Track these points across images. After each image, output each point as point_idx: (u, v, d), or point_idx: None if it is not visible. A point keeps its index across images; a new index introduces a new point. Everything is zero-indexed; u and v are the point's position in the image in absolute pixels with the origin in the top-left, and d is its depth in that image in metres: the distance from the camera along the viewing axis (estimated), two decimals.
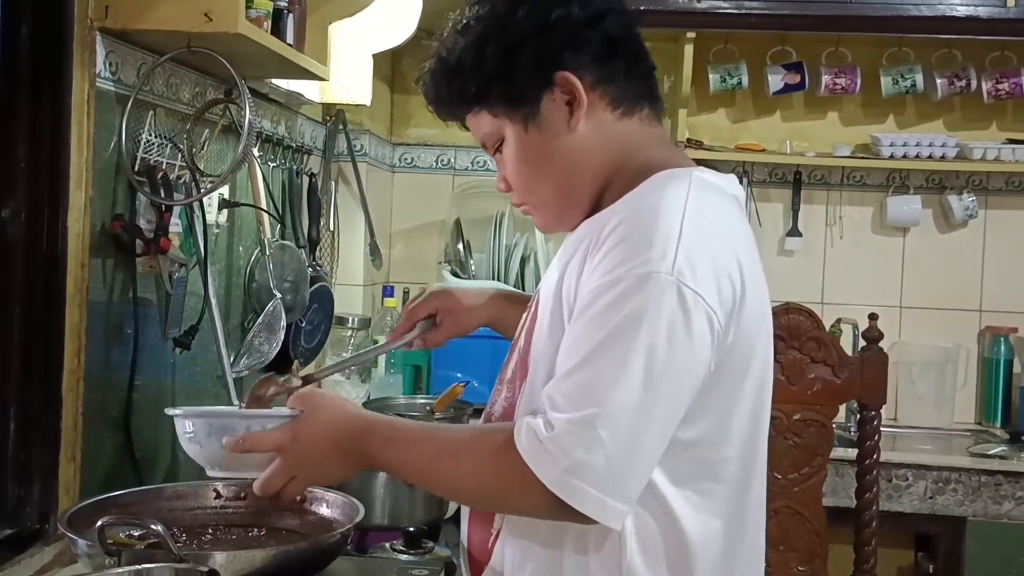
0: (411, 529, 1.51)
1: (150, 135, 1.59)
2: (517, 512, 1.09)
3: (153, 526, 1.10)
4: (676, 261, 1.00)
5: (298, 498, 1.33)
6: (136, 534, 1.23)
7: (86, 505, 1.30)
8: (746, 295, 1.06)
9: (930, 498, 2.54)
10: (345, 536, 1.26)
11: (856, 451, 1.99)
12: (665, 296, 0.99)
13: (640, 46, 1.20)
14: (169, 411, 1.20)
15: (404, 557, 1.50)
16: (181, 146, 1.67)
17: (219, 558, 1.12)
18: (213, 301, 1.72)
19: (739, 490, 1.11)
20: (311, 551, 1.20)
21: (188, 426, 1.17)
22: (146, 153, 1.58)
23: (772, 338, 1.16)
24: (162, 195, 1.58)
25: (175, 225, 1.66)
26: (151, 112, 1.60)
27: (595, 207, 1.17)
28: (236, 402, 1.75)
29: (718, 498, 1.09)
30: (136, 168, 1.56)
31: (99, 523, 1.11)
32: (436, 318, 1.45)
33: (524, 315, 1.25)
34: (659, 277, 1.00)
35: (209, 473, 1.19)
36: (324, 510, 1.39)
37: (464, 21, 1.17)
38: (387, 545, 1.54)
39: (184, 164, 1.67)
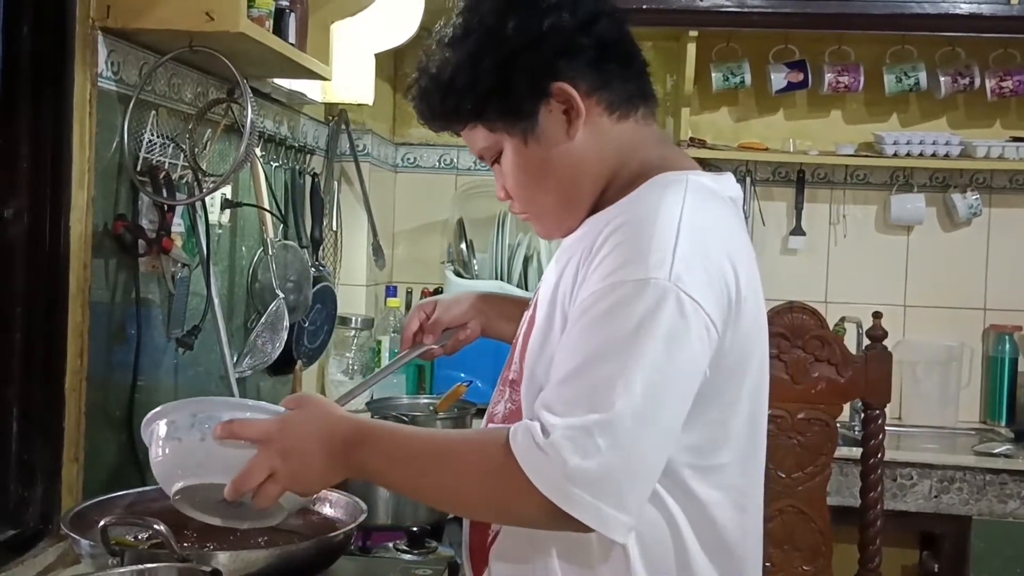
0: (414, 529, 1.51)
1: (152, 135, 1.59)
2: (516, 522, 1.07)
3: (156, 526, 1.09)
4: (674, 267, 1.00)
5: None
6: (141, 536, 1.23)
7: (89, 505, 1.30)
8: (742, 300, 1.06)
9: (935, 497, 2.53)
10: (348, 536, 1.26)
11: (860, 450, 1.98)
12: (664, 303, 0.99)
13: (632, 46, 1.19)
14: (148, 419, 1.10)
15: (407, 557, 1.50)
16: (183, 146, 1.67)
17: (222, 558, 1.12)
18: (216, 301, 1.72)
19: (738, 495, 1.11)
20: (314, 551, 1.19)
21: (166, 423, 1.07)
22: (148, 153, 1.58)
23: (768, 341, 1.16)
24: (164, 195, 1.58)
25: (177, 225, 1.66)
26: (153, 112, 1.60)
27: (594, 208, 1.17)
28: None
29: (718, 504, 1.09)
30: (138, 168, 1.56)
31: (102, 523, 1.10)
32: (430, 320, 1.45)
33: (524, 316, 1.25)
34: (657, 283, 0.99)
35: (172, 489, 1.09)
36: (327, 510, 1.38)
37: (451, 33, 1.14)
38: (390, 545, 1.54)
39: (186, 164, 1.67)
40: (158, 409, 1.10)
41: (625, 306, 0.99)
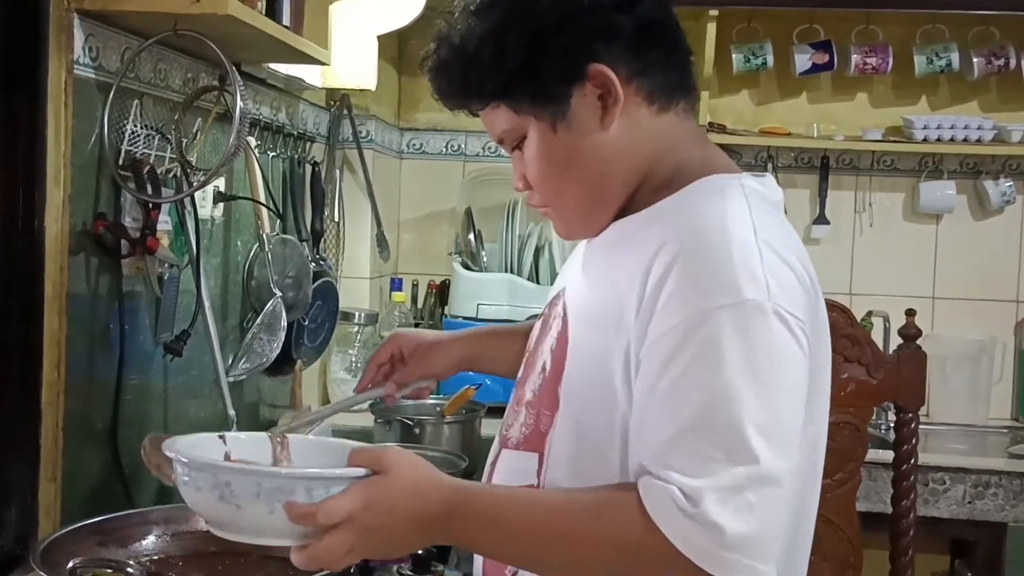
0: (419, 552, 1.40)
1: (135, 126, 1.47)
2: None
3: (129, 569, 0.99)
4: (769, 284, 0.91)
5: None
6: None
7: (64, 534, 1.20)
8: (817, 309, 0.99)
9: (968, 503, 2.43)
10: (347, 568, 1.15)
11: (889, 453, 1.88)
12: (769, 324, 0.90)
13: (676, 31, 1.08)
14: (196, 458, 0.92)
15: None
16: (170, 137, 1.55)
17: None
18: (206, 303, 1.61)
19: (793, 527, 1.01)
20: None
21: (217, 482, 0.89)
22: (131, 145, 1.46)
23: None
24: (149, 191, 1.46)
25: (164, 223, 1.55)
26: (136, 101, 1.48)
27: (623, 208, 1.07)
28: (231, 411, 1.64)
29: None
30: (120, 162, 1.44)
31: (70, 565, 1.00)
32: (403, 360, 1.35)
33: (538, 329, 1.14)
34: (757, 304, 0.90)
35: (221, 535, 0.95)
36: None
37: (479, 1, 1.04)
38: (394, 568, 1.43)
39: (174, 156, 1.55)
40: (213, 462, 0.93)
41: (730, 335, 0.89)
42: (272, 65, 1.94)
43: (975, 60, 2.76)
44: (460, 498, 0.94)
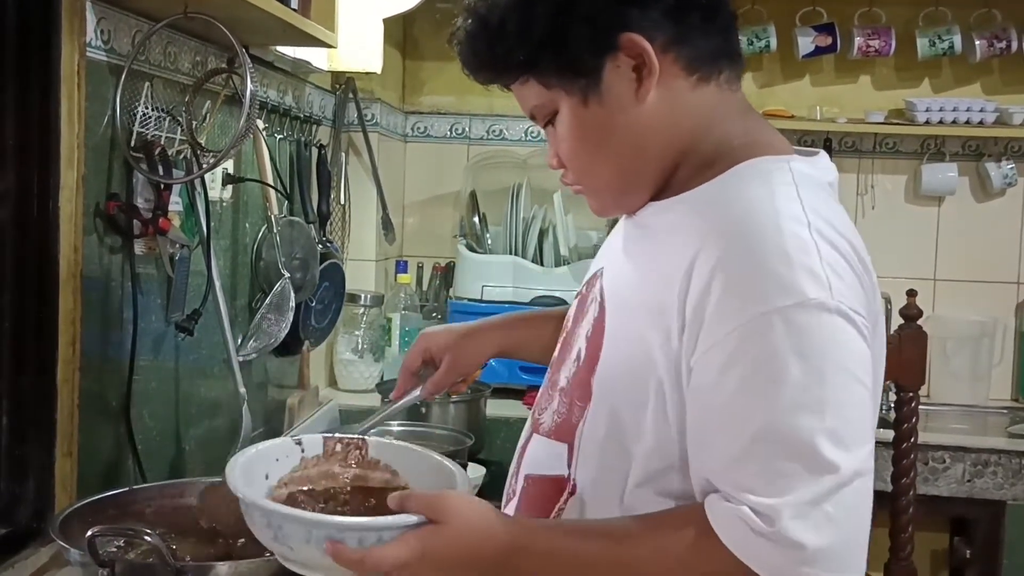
0: None
1: (147, 108, 1.49)
2: None
3: (147, 537, 1.01)
4: (831, 283, 0.85)
5: None
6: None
7: (81, 506, 1.23)
8: (875, 297, 0.94)
9: (968, 481, 2.44)
10: None
11: (890, 432, 1.89)
12: (836, 324, 0.85)
13: None
14: (248, 496, 0.91)
15: None
16: (180, 119, 1.57)
17: (221, 570, 1.05)
18: (217, 284, 1.63)
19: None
20: None
21: (269, 523, 0.90)
22: (143, 127, 1.48)
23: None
24: (160, 172, 1.48)
25: (175, 204, 1.57)
26: (147, 83, 1.50)
27: (662, 187, 1.02)
28: (242, 389, 1.67)
29: None
30: (132, 144, 1.46)
31: (89, 533, 1.03)
32: (434, 362, 1.28)
33: (575, 309, 1.10)
34: (822, 304, 0.85)
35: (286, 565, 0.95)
36: None
37: None
38: None
39: (184, 138, 1.57)
40: (271, 505, 0.91)
41: (790, 339, 0.84)
42: (279, 48, 1.96)
43: (977, 43, 2.75)
44: (520, 542, 0.90)
